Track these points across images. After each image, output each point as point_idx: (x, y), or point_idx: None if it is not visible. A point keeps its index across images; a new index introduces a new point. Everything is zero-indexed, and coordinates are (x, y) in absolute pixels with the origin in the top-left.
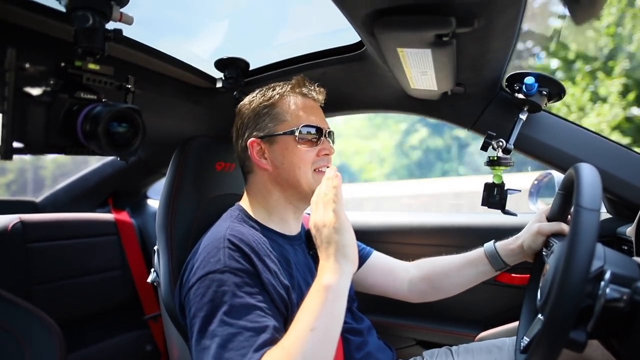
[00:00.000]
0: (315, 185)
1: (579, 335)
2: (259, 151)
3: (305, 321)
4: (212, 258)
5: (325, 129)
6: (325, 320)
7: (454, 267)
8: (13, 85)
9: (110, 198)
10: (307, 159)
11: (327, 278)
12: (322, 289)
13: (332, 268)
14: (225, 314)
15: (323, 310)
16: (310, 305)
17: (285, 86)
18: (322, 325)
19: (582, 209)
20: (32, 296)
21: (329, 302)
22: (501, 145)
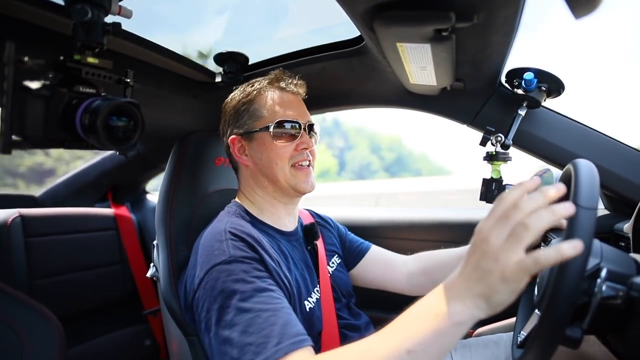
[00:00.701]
0: (293, 180)
1: (575, 332)
2: (240, 148)
3: (405, 339)
4: (215, 251)
5: (303, 122)
6: (430, 352)
7: (453, 260)
8: (12, 78)
9: (109, 193)
10: (283, 154)
11: (458, 311)
12: (443, 317)
13: (469, 305)
14: (240, 301)
15: (433, 339)
16: (418, 325)
17: (263, 81)
18: (423, 353)
19: (580, 208)
20: (31, 290)
21: (443, 336)
22: (500, 140)
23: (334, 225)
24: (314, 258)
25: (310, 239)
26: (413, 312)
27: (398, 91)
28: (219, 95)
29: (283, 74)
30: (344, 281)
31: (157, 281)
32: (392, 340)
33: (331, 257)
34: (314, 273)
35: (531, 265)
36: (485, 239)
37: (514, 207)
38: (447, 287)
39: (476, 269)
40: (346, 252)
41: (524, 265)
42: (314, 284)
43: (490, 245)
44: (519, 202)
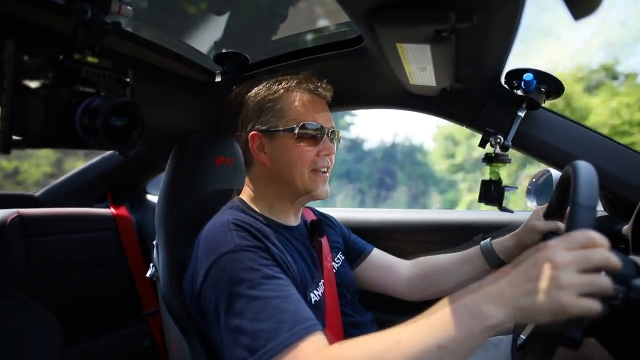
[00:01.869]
0: (310, 185)
1: (575, 333)
2: (259, 145)
3: (437, 335)
4: (220, 241)
5: (328, 128)
6: (459, 351)
7: (451, 264)
8: (11, 77)
9: (109, 193)
10: (305, 158)
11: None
12: (480, 318)
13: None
14: (249, 289)
15: (465, 338)
16: (452, 323)
17: (292, 81)
18: (453, 351)
19: (578, 207)
20: (30, 290)
21: (475, 336)
22: (499, 141)
23: (337, 225)
24: (318, 254)
25: (315, 234)
26: (448, 309)
27: (397, 92)
28: (218, 95)
29: (312, 76)
30: (349, 278)
31: (156, 281)
32: (423, 335)
33: (336, 253)
34: (317, 268)
35: (584, 310)
36: (557, 265)
37: (603, 258)
38: (488, 289)
39: (531, 284)
40: (349, 253)
41: (580, 305)
42: (318, 278)
43: (561, 273)
44: (609, 255)
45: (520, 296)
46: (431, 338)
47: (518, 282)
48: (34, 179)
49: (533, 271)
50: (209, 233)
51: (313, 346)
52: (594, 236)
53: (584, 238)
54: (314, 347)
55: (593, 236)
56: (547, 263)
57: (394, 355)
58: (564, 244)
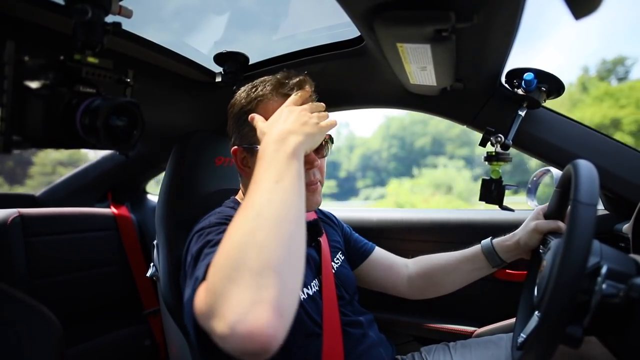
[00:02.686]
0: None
1: (575, 330)
2: (243, 159)
3: (268, 177)
4: (203, 221)
5: None
6: (292, 174)
7: (452, 263)
8: (12, 78)
9: (109, 193)
10: None
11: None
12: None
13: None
14: (210, 248)
15: (290, 168)
16: (271, 166)
17: (268, 86)
18: (290, 178)
19: (579, 204)
20: (31, 290)
21: (296, 161)
22: (500, 140)
23: (338, 223)
24: (317, 254)
25: (313, 235)
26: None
27: (398, 91)
28: (219, 95)
29: (287, 77)
30: (349, 278)
31: (157, 281)
32: (262, 184)
33: (335, 253)
34: (314, 268)
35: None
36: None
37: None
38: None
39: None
40: (350, 251)
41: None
42: (313, 275)
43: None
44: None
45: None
46: (272, 186)
47: (279, 125)
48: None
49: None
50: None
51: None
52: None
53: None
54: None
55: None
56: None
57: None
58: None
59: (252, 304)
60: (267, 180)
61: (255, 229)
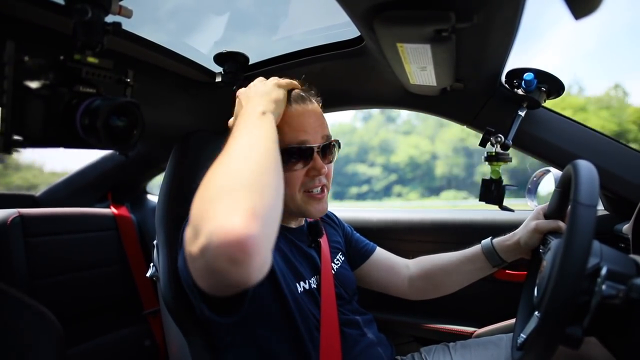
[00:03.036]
0: (303, 207)
1: (575, 331)
2: None
3: (242, 143)
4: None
5: (317, 145)
6: (264, 135)
7: (452, 264)
8: (12, 78)
9: (109, 193)
10: (294, 182)
11: (258, 108)
12: (254, 117)
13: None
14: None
15: (260, 128)
16: (243, 134)
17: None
18: (262, 142)
19: (579, 205)
20: (31, 290)
21: (267, 121)
22: (500, 141)
23: (339, 223)
24: (317, 254)
25: (314, 235)
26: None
27: (398, 91)
28: (219, 95)
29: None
30: (348, 279)
31: (156, 281)
32: (234, 135)
33: (335, 254)
34: (313, 267)
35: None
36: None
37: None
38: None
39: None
40: (351, 251)
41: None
42: (311, 275)
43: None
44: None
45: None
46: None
47: (246, 105)
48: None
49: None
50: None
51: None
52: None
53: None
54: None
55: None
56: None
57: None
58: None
59: (228, 213)
60: (238, 132)
61: (229, 162)
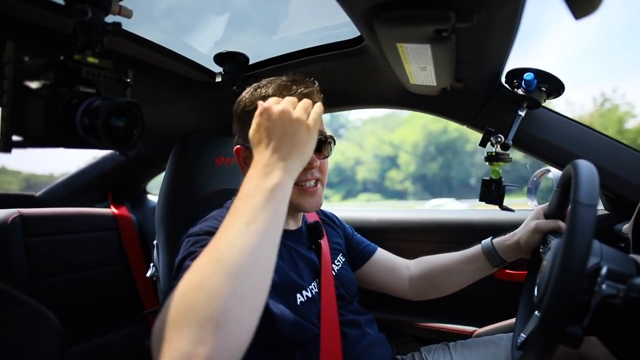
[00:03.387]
0: (296, 201)
1: (575, 330)
2: (245, 158)
3: (241, 216)
4: (197, 225)
5: None
6: (267, 216)
7: (453, 264)
8: (12, 78)
9: (109, 193)
10: None
11: (275, 178)
12: (265, 191)
13: (280, 166)
14: (190, 260)
15: (267, 209)
16: (247, 204)
17: (271, 87)
18: (263, 220)
19: (579, 205)
20: (31, 290)
21: (274, 201)
22: (500, 141)
23: (340, 224)
24: (318, 256)
25: (314, 237)
26: (237, 203)
27: (398, 91)
28: (219, 96)
29: (293, 82)
30: (349, 280)
31: (156, 281)
32: (228, 221)
33: (336, 255)
34: (313, 271)
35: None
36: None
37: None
38: (252, 172)
39: (272, 141)
40: (352, 252)
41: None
42: (311, 280)
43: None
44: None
45: (277, 152)
46: (238, 224)
47: (265, 150)
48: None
49: (264, 133)
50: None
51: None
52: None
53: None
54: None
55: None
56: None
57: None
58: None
59: (185, 356)
60: (238, 219)
61: (210, 276)
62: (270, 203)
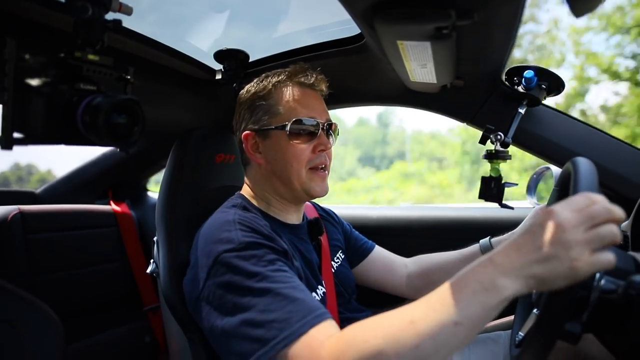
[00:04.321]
0: (308, 184)
1: (574, 326)
2: (253, 145)
3: (452, 312)
4: (224, 240)
5: (322, 121)
6: (476, 324)
7: (450, 263)
8: (13, 76)
9: (110, 190)
10: (300, 156)
11: (507, 286)
12: (493, 291)
13: (520, 282)
14: (256, 283)
15: (481, 311)
16: (467, 298)
17: (282, 74)
18: (469, 325)
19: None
20: (31, 286)
21: (490, 309)
22: (499, 138)
23: (339, 221)
24: (318, 253)
25: (314, 233)
26: (459, 284)
27: (398, 89)
28: (219, 93)
29: (304, 68)
30: (348, 277)
31: (157, 278)
32: (437, 313)
33: (335, 252)
34: (317, 268)
35: (599, 264)
36: (563, 228)
37: (606, 210)
38: (497, 261)
39: (541, 251)
40: (350, 249)
41: (596, 262)
42: (317, 279)
43: (568, 235)
44: (610, 207)
45: (531, 265)
46: (446, 316)
47: (528, 250)
48: None
49: (541, 237)
50: (211, 231)
51: (325, 332)
52: (593, 194)
53: (584, 197)
54: (326, 333)
55: (592, 195)
56: (553, 227)
57: (409, 335)
58: (567, 206)
59: None
60: (444, 313)
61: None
62: (490, 312)
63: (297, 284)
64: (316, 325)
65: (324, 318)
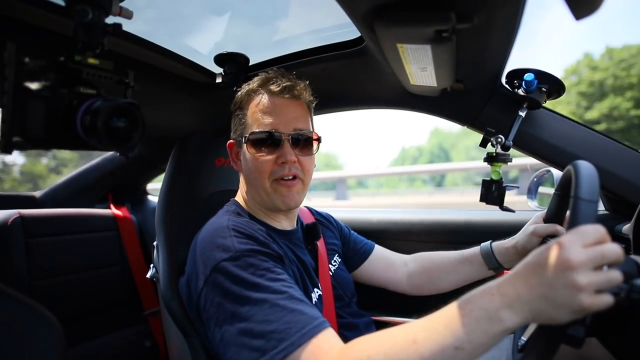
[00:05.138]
0: (272, 196)
1: (577, 330)
2: (235, 153)
3: (454, 336)
4: (220, 247)
5: (285, 132)
6: (476, 351)
7: (450, 263)
8: (13, 79)
9: (110, 193)
10: (261, 168)
11: (511, 317)
12: (497, 321)
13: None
14: (254, 292)
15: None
16: (470, 325)
17: (255, 82)
18: (470, 351)
19: (580, 200)
20: (31, 291)
21: (492, 337)
22: (500, 141)
23: (336, 225)
24: (314, 257)
25: (311, 238)
26: (464, 309)
27: (398, 92)
28: (219, 97)
29: (277, 75)
30: (346, 280)
31: (157, 282)
32: (440, 336)
33: (332, 256)
34: (313, 272)
35: (600, 305)
36: (573, 266)
37: (614, 252)
38: (504, 291)
39: (548, 288)
40: (350, 251)
41: (597, 303)
42: (313, 283)
43: (576, 275)
44: (618, 249)
45: (537, 299)
46: (448, 339)
47: (535, 283)
48: None
49: (549, 273)
50: (208, 238)
51: (327, 343)
52: (604, 231)
53: (596, 234)
54: (329, 344)
55: (603, 231)
56: (562, 263)
57: (411, 354)
58: (577, 240)
59: None
60: (446, 336)
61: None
62: (492, 341)
63: (295, 293)
64: (316, 335)
65: (322, 328)
